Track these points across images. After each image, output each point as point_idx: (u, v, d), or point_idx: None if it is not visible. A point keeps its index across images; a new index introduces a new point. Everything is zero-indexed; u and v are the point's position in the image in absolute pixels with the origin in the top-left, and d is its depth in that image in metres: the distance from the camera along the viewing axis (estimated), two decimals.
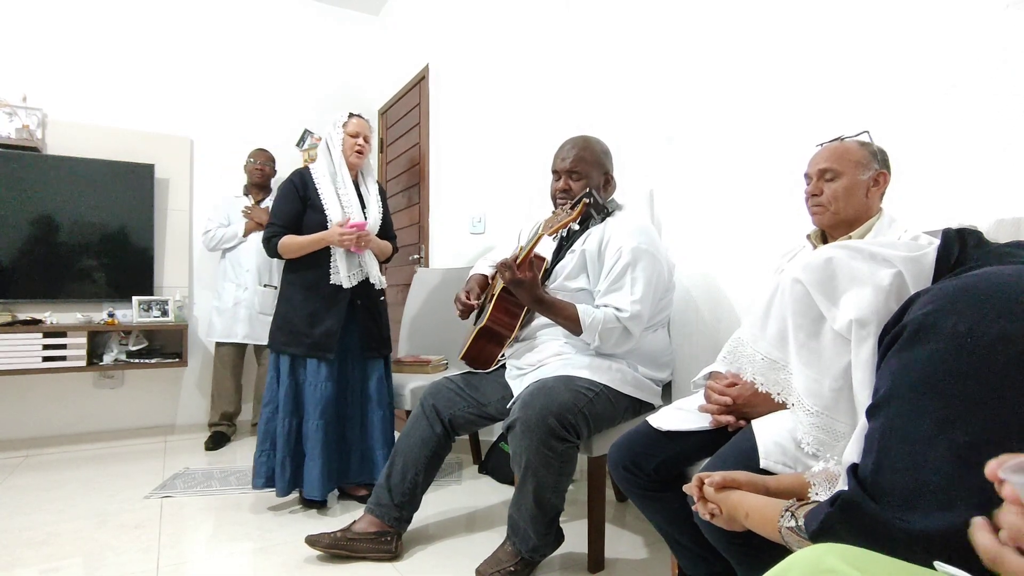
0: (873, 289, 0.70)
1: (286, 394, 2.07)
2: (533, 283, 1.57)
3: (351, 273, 2.13)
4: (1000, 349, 0.54)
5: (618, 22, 2.33)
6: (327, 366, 2.08)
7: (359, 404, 2.19)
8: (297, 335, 2.07)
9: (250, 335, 3.14)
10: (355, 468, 2.18)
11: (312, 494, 2.04)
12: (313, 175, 2.16)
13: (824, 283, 0.74)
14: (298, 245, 2.10)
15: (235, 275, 3.17)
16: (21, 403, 3.07)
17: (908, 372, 0.59)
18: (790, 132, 1.68)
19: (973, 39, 1.29)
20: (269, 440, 2.09)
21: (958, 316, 0.57)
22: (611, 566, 1.71)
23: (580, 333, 1.60)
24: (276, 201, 2.19)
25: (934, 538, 0.53)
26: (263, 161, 3.25)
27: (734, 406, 1.22)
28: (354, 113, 2.23)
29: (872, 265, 0.72)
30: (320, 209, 2.12)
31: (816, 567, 0.51)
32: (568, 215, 1.55)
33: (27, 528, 1.98)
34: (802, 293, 0.75)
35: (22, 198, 3.01)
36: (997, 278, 0.59)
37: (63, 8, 3.20)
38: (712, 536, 1.02)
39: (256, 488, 2.09)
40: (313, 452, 2.04)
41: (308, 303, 2.10)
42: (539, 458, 1.48)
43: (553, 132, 2.42)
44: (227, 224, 3.19)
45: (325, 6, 3.97)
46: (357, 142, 2.18)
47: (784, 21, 1.71)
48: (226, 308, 3.14)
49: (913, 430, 0.57)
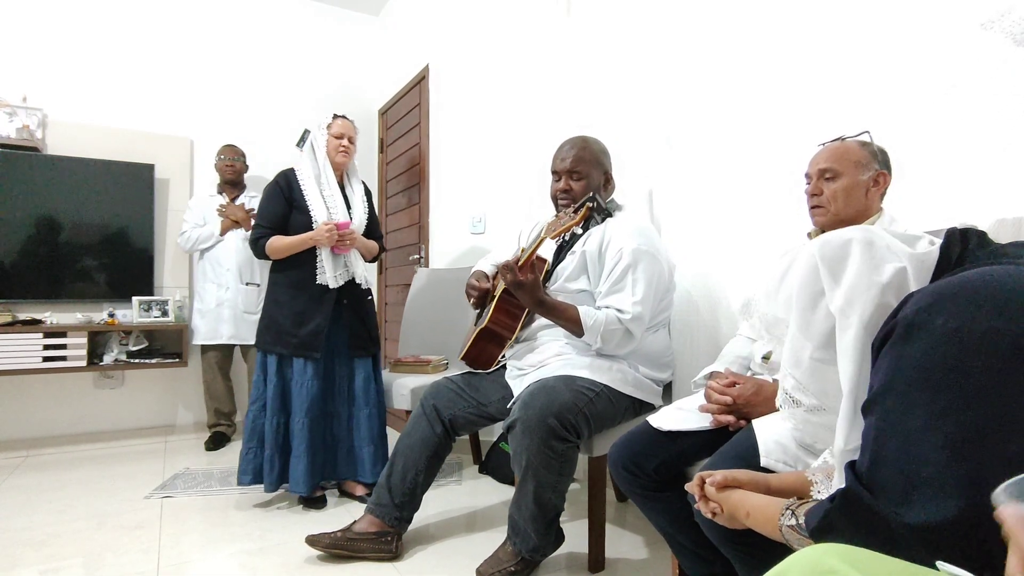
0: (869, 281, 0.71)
1: (273, 392, 2.10)
2: (534, 285, 1.57)
3: (337, 273, 2.15)
4: (990, 343, 0.55)
5: (618, 23, 2.33)
6: (313, 365, 2.10)
7: (346, 402, 2.22)
8: (284, 335, 2.10)
9: (235, 335, 3.10)
10: (342, 465, 2.21)
11: (297, 490, 2.08)
12: (298, 176, 2.18)
13: (835, 263, 0.75)
14: (285, 246, 2.12)
15: (215, 275, 3.14)
16: (21, 403, 3.07)
17: (901, 368, 0.60)
18: (790, 132, 1.68)
19: (973, 39, 1.29)
20: (256, 437, 2.12)
21: (949, 314, 0.58)
22: (612, 566, 1.71)
23: (582, 335, 1.61)
24: (262, 203, 2.20)
25: (930, 530, 0.54)
26: (233, 157, 3.20)
27: (734, 406, 1.22)
28: (338, 114, 2.25)
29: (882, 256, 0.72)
30: (305, 210, 2.14)
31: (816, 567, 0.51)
32: (571, 219, 1.54)
33: (27, 528, 1.98)
34: (813, 266, 0.76)
35: (22, 198, 3.01)
36: (988, 277, 0.60)
37: (63, 8, 3.20)
38: (713, 535, 1.02)
39: (242, 484, 2.13)
40: (299, 449, 2.07)
41: (295, 303, 2.12)
42: (539, 458, 1.48)
43: (553, 132, 2.42)
44: (203, 224, 3.14)
45: (325, 6, 3.97)
46: (342, 143, 2.20)
47: (784, 22, 1.71)
48: (209, 309, 3.10)
49: (906, 424, 0.58)
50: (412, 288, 2.95)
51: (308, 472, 2.06)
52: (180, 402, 3.45)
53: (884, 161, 1.24)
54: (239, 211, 3.14)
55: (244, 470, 2.12)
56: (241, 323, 3.10)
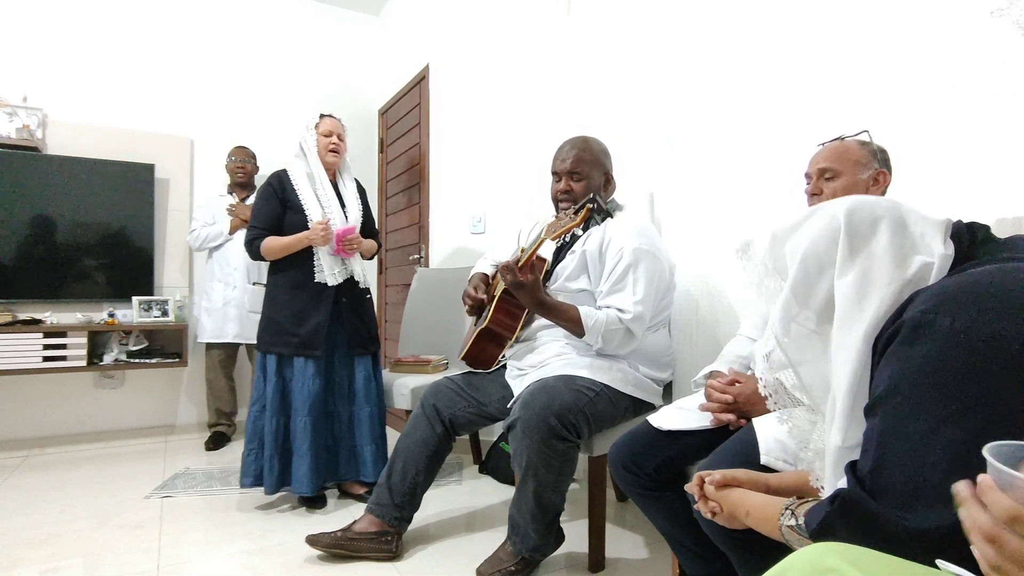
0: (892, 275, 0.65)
1: (273, 393, 2.09)
2: (534, 286, 1.57)
3: (336, 271, 2.15)
4: (997, 347, 0.54)
5: (618, 23, 2.33)
6: (314, 364, 2.10)
7: (346, 401, 2.21)
8: (284, 334, 2.10)
9: (241, 335, 3.11)
10: (343, 465, 2.20)
11: (300, 490, 2.06)
12: (291, 177, 2.18)
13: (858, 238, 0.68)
14: (280, 246, 2.12)
15: (223, 274, 3.15)
16: (21, 403, 3.07)
17: (906, 370, 0.60)
18: (789, 132, 1.68)
19: (973, 39, 1.29)
20: (257, 439, 2.12)
21: (955, 314, 0.57)
22: (612, 566, 1.71)
23: (583, 335, 1.60)
24: (256, 204, 2.20)
25: (933, 535, 0.53)
26: (243, 159, 3.22)
27: (735, 405, 1.22)
28: (325, 113, 2.26)
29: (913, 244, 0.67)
30: (300, 210, 2.14)
31: (816, 566, 0.51)
32: (572, 220, 1.54)
33: (27, 528, 1.98)
34: (835, 231, 0.70)
35: (22, 198, 3.01)
36: (995, 277, 0.59)
37: (63, 8, 3.20)
38: (713, 534, 1.02)
39: (244, 487, 2.12)
40: (301, 449, 2.06)
41: (294, 302, 2.12)
42: (540, 458, 1.48)
43: (553, 132, 2.42)
44: (212, 223, 3.17)
45: (325, 6, 3.97)
46: (331, 141, 2.20)
47: (784, 22, 1.71)
48: (215, 308, 3.12)
49: (911, 428, 0.58)
50: (412, 288, 2.95)
51: (312, 472, 2.05)
52: (180, 402, 3.45)
53: (884, 160, 1.24)
54: (248, 211, 3.14)
55: (246, 472, 2.11)
56: (247, 322, 3.11)
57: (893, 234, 0.68)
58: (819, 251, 0.71)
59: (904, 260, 0.66)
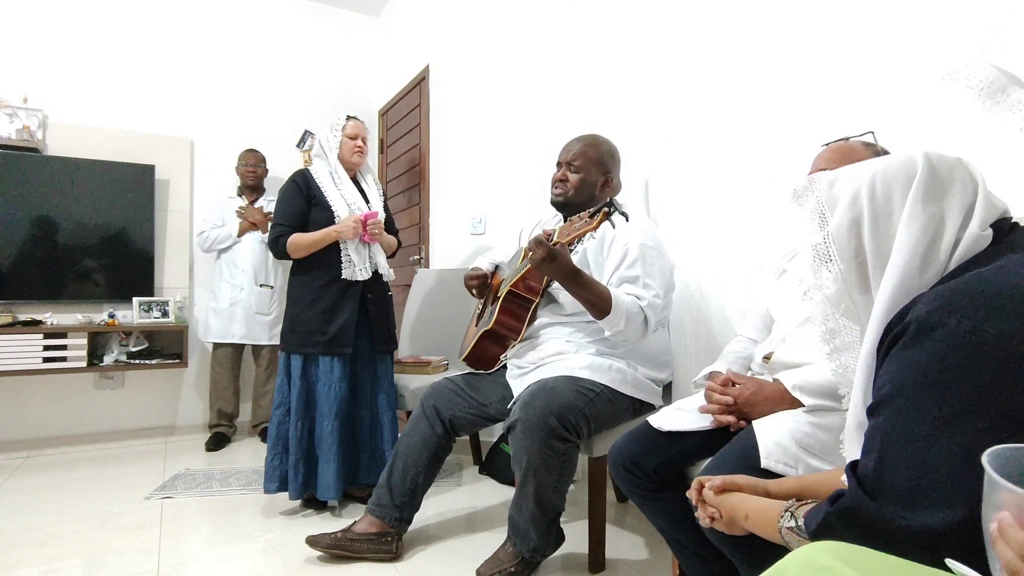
0: (955, 235, 0.64)
1: (298, 396, 2.05)
2: (567, 256, 1.50)
3: (363, 266, 2.14)
4: (1002, 348, 0.54)
5: (618, 22, 2.33)
6: (341, 366, 2.07)
7: (369, 405, 2.19)
8: (311, 334, 2.06)
9: (247, 335, 3.14)
10: (364, 470, 2.16)
11: (327, 495, 2.03)
12: (314, 175, 2.18)
13: (937, 185, 0.65)
14: (308, 242, 2.10)
15: (231, 275, 3.17)
16: (21, 404, 3.07)
17: (910, 371, 0.59)
18: (789, 132, 1.68)
19: (974, 39, 1.29)
20: (281, 443, 2.06)
21: (961, 315, 0.57)
22: (612, 566, 1.71)
23: (605, 315, 1.55)
24: (279, 202, 2.18)
25: (935, 536, 0.53)
26: (254, 162, 3.26)
27: (735, 406, 1.22)
28: (351, 116, 2.27)
29: (986, 212, 0.66)
30: (326, 206, 2.13)
31: (810, 565, 0.51)
32: (587, 224, 1.47)
33: (28, 529, 1.98)
34: (911, 173, 0.67)
35: (23, 199, 3.01)
36: (1000, 277, 0.59)
37: (63, 8, 3.20)
38: (714, 536, 1.02)
39: (269, 492, 2.06)
40: (328, 454, 2.03)
41: (320, 301, 2.09)
42: (540, 458, 1.48)
43: (553, 132, 2.42)
44: (221, 225, 3.19)
45: (325, 7, 3.97)
46: (356, 143, 2.21)
47: (787, 18, 1.71)
48: (222, 309, 3.14)
49: (915, 429, 0.57)
50: (412, 288, 2.95)
51: (338, 477, 2.02)
52: (180, 403, 3.45)
53: None
54: (257, 213, 3.18)
55: (270, 477, 2.05)
56: (253, 323, 3.13)
57: (964, 194, 0.67)
58: (889, 186, 0.68)
59: (965, 224, 0.65)
